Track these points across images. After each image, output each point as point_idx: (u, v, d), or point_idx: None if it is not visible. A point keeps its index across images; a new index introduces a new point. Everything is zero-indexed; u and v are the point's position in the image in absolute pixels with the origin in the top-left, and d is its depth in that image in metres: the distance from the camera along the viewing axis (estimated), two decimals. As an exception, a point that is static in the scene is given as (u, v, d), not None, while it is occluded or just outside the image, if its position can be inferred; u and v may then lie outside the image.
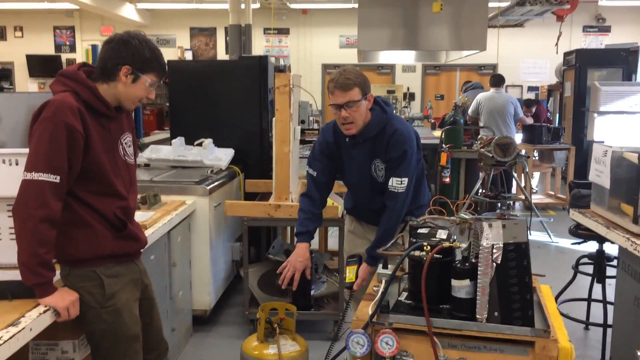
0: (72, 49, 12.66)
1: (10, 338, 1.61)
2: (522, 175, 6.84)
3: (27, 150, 2.09)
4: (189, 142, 4.39)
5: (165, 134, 6.61)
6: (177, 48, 12.25)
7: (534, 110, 8.81)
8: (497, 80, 7.23)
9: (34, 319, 1.75)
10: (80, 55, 12.46)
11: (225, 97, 4.56)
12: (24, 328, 1.68)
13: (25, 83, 12.51)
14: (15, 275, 1.98)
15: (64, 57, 12.50)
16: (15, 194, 2.06)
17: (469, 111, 7.22)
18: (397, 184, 2.51)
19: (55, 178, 1.80)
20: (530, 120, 7.90)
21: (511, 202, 6.78)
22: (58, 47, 12.69)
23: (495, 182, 6.75)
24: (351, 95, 2.44)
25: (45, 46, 12.58)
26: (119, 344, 2.01)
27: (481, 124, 7.06)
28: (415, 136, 2.62)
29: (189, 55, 12.10)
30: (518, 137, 7.34)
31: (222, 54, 12.04)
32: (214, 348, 3.56)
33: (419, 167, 2.66)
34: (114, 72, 1.93)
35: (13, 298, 1.85)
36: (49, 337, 2.01)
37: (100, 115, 1.95)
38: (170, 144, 4.39)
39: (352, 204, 2.83)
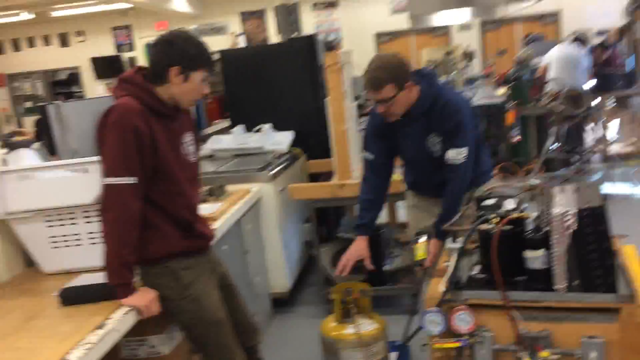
0: (131, 47, 13.05)
1: (100, 341, 1.70)
2: (597, 125, 6.49)
3: (94, 158, 2.20)
4: (249, 128, 4.44)
5: (226, 123, 6.72)
6: (229, 34, 12.37)
7: (608, 53, 8.28)
8: (582, 41, 7.07)
9: (119, 319, 1.83)
10: (139, 53, 12.83)
11: (279, 80, 4.57)
12: (111, 330, 1.77)
13: (92, 85, 13.02)
14: (97, 278, 2.10)
15: (125, 55, 12.91)
16: (87, 201, 2.18)
17: (542, 61, 6.92)
18: (456, 155, 2.44)
19: (133, 179, 1.87)
20: None
21: (588, 156, 6.47)
22: (118, 47, 13.11)
23: (568, 136, 6.45)
24: (383, 93, 2.37)
25: (106, 47, 13.02)
26: (209, 329, 2.08)
27: (550, 76, 6.72)
28: (468, 103, 2.54)
29: (241, 41, 12.18)
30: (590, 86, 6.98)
31: (273, 35, 12.05)
32: (295, 328, 3.64)
33: (476, 134, 2.58)
34: (164, 74, 1.95)
35: (98, 300, 1.95)
36: (137, 333, 2.10)
37: (161, 116, 1.98)
38: (231, 133, 4.46)
39: (412, 179, 2.79)
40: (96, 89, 12.95)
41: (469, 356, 1.76)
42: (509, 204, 1.91)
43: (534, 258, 1.73)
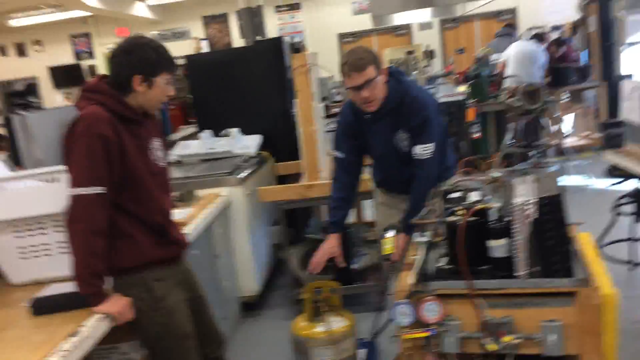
0: (91, 55, 12.85)
1: (74, 349, 1.70)
2: (553, 120, 6.69)
3: (63, 167, 2.19)
4: (216, 132, 4.45)
5: (193, 128, 6.71)
6: (192, 39, 12.30)
7: (562, 50, 8.55)
8: (540, 38, 7.48)
9: (92, 327, 1.83)
10: (99, 60, 12.64)
11: (246, 83, 4.59)
12: (85, 337, 1.77)
13: (51, 95, 12.78)
14: (67, 287, 2.09)
15: (85, 64, 12.71)
16: (56, 210, 2.17)
17: (501, 58, 7.15)
18: (423, 150, 2.52)
19: (100, 189, 1.87)
20: None
21: (545, 149, 6.69)
22: (77, 55, 12.89)
23: (526, 131, 6.63)
24: (367, 74, 2.43)
25: (65, 56, 12.80)
26: (174, 343, 2.08)
27: (508, 73, 6.91)
28: (434, 99, 2.63)
29: (204, 45, 12.12)
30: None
31: (237, 39, 12.03)
32: (265, 331, 3.66)
33: (441, 130, 2.66)
34: (127, 84, 1.96)
35: (70, 309, 1.94)
36: (108, 341, 2.09)
37: (129, 122, 1.98)
38: (198, 138, 4.46)
39: (380, 176, 2.86)
40: (55, 98, 12.72)
41: (436, 345, 1.83)
42: (474, 197, 1.99)
43: (497, 247, 1.81)
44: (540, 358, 1.78)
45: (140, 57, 1.95)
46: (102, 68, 12.47)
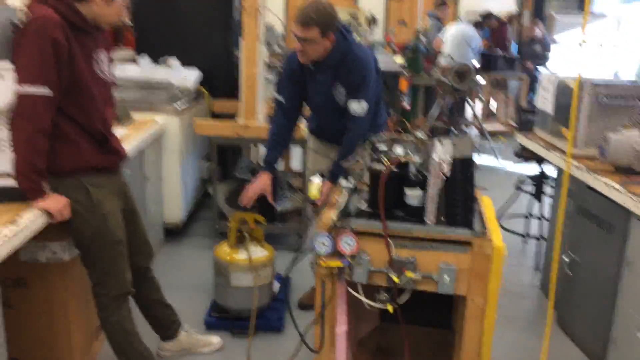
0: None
1: (14, 236, 1.78)
2: (476, 102, 7.12)
3: (8, 65, 2.19)
4: (153, 58, 4.42)
5: (125, 52, 6.54)
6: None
7: (502, 29, 8.87)
8: (478, 25, 7.94)
9: (30, 219, 1.91)
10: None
11: (191, 16, 4.57)
12: (23, 227, 1.85)
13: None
14: (3, 182, 2.13)
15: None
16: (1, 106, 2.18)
17: (440, 36, 7.46)
18: (357, 106, 2.71)
19: (48, 91, 1.92)
20: None
21: (466, 128, 7.13)
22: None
23: (451, 108, 7.02)
24: (308, 33, 2.58)
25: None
26: (106, 246, 2.20)
27: (444, 51, 7.22)
28: (374, 61, 2.81)
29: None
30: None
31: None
32: (186, 257, 3.81)
33: (377, 90, 2.86)
34: None
35: (7, 201, 2.00)
36: (38, 238, 2.17)
37: (78, 31, 2.02)
38: (134, 62, 4.42)
39: (316, 124, 3.04)
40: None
41: (348, 275, 2.06)
42: (398, 151, 2.21)
43: (412, 196, 2.05)
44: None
45: None
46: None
